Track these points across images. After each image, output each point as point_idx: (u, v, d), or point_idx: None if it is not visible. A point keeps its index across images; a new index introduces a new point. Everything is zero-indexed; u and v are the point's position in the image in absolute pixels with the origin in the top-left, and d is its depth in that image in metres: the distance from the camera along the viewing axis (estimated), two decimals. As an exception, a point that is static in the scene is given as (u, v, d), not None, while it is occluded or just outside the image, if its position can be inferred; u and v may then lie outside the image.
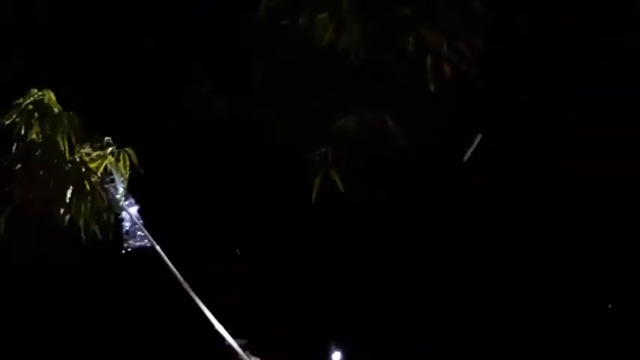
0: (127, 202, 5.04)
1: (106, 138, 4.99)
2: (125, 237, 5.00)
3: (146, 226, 5.00)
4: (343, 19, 5.55)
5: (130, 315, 7.12)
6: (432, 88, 5.97)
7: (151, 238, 4.88)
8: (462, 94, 7.23)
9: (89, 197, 4.77)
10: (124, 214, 5.03)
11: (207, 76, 7.14)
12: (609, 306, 7.33)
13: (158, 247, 4.83)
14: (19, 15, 6.95)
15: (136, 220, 4.95)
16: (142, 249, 4.91)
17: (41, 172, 4.74)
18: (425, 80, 5.99)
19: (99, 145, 4.95)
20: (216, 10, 7.25)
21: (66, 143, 4.80)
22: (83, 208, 4.74)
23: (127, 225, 4.99)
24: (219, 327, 4.81)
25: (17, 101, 4.85)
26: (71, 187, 4.74)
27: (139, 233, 4.90)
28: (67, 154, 4.78)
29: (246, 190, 7.56)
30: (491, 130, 7.52)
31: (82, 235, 4.77)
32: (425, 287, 7.63)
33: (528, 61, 7.17)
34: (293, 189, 7.05)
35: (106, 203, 4.89)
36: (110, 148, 4.94)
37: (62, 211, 4.77)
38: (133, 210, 4.97)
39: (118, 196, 4.92)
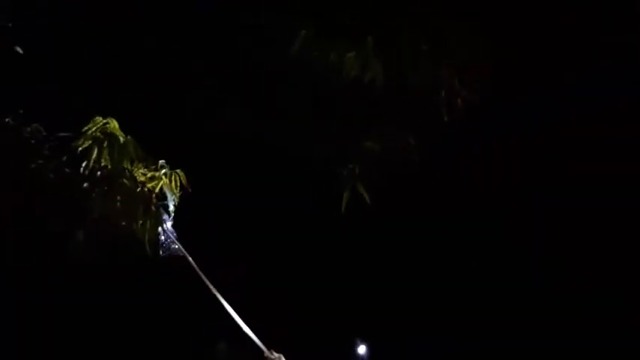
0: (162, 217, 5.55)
1: (161, 161, 5.48)
2: (161, 249, 5.43)
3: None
4: (368, 58, 6.36)
5: (155, 317, 7.32)
6: (445, 118, 6.62)
7: (184, 251, 5.33)
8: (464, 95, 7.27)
9: (154, 216, 5.35)
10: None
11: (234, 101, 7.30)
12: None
13: (190, 259, 5.29)
14: (19, 15, 6.95)
15: (170, 235, 5.41)
16: (174, 258, 5.38)
17: (113, 194, 5.33)
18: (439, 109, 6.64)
19: (154, 167, 5.45)
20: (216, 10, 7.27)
21: (130, 167, 5.38)
22: (148, 225, 5.29)
23: (162, 238, 5.42)
24: (246, 329, 5.21)
25: (85, 128, 5.38)
26: (141, 207, 5.32)
27: (173, 246, 5.37)
28: (133, 177, 5.40)
29: (246, 191, 7.56)
30: (491, 130, 7.52)
31: (147, 248, 5.28)
32: (424, 287, 7.63)
33: (528, 61, 7.17)
34: (293, 189, 7.14)
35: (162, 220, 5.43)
36: (164, 170, 5.45)
37: (131, 227, 5.35)
38: (168, 224, 5.42)
39: (170, 212, 5.45)
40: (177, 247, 5.36)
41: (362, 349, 7.63)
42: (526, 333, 7.36)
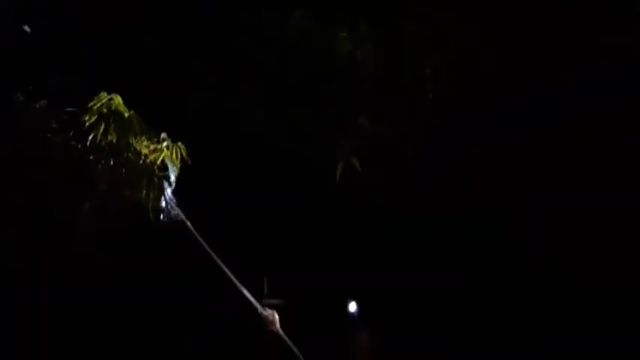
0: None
1: (162, 134, 5.84)
2: (162, 215, 5.89)
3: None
4: (359, 38, 6.97)
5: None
6: (430, 96, 7.15)
7: (182, 215, 5.78)
8: (464, 95, 7.32)
9: (156, 186, 5.79)
10: None
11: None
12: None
13: (189, 223, 5.75)
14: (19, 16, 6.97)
15: (169, 201, 5.83)
16: (174, 223, 5.86)
17: (119, 166, 5.75)
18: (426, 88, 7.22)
19: (156, 139, 5.82)
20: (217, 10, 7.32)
21: (134, 141, 5.74)
22: (152, 194, 5.73)
23: (163, 205, 5.85)
24: (240, 287, 5.70)
25: (91, 104, 5.72)
26: (145, 179, 5.75)
27: (173, 212, 5.80)
28: (136, 150, 5.80)
29: (245, 190, 7.59)
30: (491, 129, 7.53)
31: (151, 215, 5.73)
32: (423, 286, 7.62)
33: (528, 61, 7.19)
34: (289, 160, 7.32)
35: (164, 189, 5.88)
36: (165, 142, 5.81)
37: (135, 196, 5.81)
38: (168, 191, 5.86)
39: (171, 183, 5.88)
40: (176, 212, 5.76)
41: (353, 307, 7.68)
42: (525, 332, 7.35)
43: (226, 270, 5.67)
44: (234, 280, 5.69)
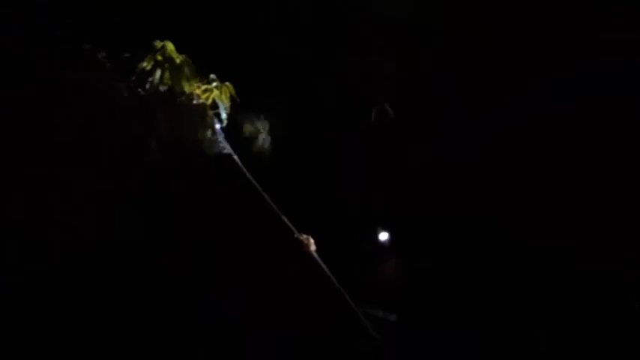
0: None
1: (211, 75, 6.19)
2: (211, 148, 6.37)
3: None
4: None
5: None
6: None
7: (229, 148, 6.17)
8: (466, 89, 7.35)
9: (209, 124, 6.22)
10: None
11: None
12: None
13: (235, 156, 6.13)
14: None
15: (219, 136, 6.22)
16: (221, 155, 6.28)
17: (175, 109, 6.18)
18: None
19: (206, 80, 6.19)
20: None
21: (186, 85, 6.13)
22: (206, 134, 6.19)
23: (212, 139, 6.25)
24: (283, 218, 6.06)
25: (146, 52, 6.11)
26: (198, 119, 6.16)
27: (221, 145, 6.20)
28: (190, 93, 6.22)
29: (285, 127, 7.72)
30: (492, 127, 7.56)
31: (205, 149, 6.13)
32: (422, 284, 7.65)
33: (528, 61, 7.20)
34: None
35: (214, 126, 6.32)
36: (215, 83, 6.19)
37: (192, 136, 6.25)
38: (217, 127, 6.25)
39: (222, 120, 6.30)
40: (224, 146, 6.18)
41: (383, 236, 7.87)
42: (525, 331, 7.39)
43: (267, 197, 6.04)
44: (274, 206, 6.05)
